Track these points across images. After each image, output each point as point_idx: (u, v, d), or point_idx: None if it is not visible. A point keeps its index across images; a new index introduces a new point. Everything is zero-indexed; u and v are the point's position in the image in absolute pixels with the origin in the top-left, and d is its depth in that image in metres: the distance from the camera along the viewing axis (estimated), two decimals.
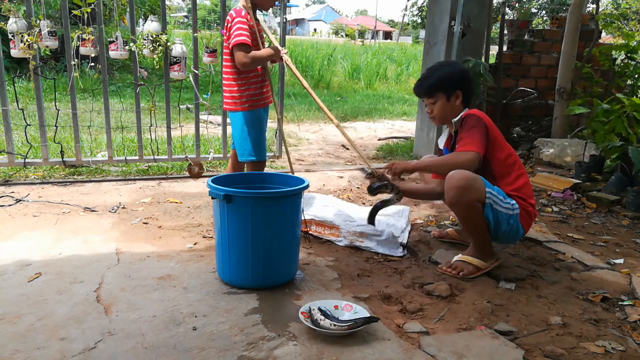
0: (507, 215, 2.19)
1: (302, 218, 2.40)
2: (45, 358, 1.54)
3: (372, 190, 2.35)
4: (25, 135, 3.59)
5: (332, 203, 2.91)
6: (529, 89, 5.21)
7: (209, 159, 3.99)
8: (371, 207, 2.41)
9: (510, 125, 5.15)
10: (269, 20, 2.87)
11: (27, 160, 3.55)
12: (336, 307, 1.84)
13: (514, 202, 2.21)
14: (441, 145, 2.51)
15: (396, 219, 2.78)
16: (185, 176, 3.83)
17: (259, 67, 2.67)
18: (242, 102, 2.69)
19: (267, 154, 4.10)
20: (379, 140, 5.95)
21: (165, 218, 2.88)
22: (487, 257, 2.27)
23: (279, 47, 2.77)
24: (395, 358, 1.61)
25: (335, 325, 1.69)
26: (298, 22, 64.36)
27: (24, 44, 3.27)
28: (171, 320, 1.77)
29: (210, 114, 4.36)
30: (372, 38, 36.72)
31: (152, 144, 3.84)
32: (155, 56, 3.58)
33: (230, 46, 2.55)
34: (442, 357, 1.62)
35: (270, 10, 3.19)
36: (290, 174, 2.56)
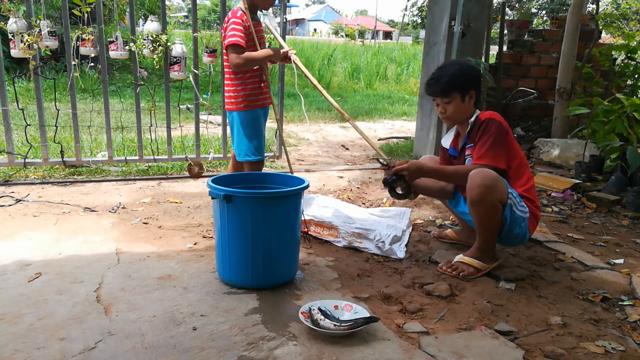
0: (521, 219, 2.18)
1: (302, 218, 2.40)
2: (45, 358, 1.54)
3: (387, 184, 2.29)
4: (25, 135, 3.59)
5: (331, 203, 2.91)
6: (529, 89, 5.21)
7: (209, 159, 3.99)
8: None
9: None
10: (268, 20, 2.87)
11: (27, 160, 3.55)
12: (336, 307, 1.84)
13: (525, 205, 2.21)
14: (446, 145, 2.46)
15: (397, 220, 2.78)
16: (185, 176, 3.83)
17: (255, 67, 2.67)
18: (238, 102, 2.69)
19: (267, 154, 4.11)
20: (378, 140, 5.95)
21: (165, 218, 2.88)
22: (488, 258, 2.27)
23: (286, 48, 2.76)
24: (395, 358, 1.61)
25: (335, 325, 1.69)
26: (298, 22, 64.37)
27: (24, 44, 3.27)
28: (171, 320, 1.77)
29: (210, 114, 4.37)
30: (372, 38, 36.73)
31: (152, 144, 3.84)
32: (155, 56, 3.58)
33: (224, 47, 2.56)
34: (442, 357, 1.62)
35: (270, 10, 3.19)
36: (290, 174, 2.56)
